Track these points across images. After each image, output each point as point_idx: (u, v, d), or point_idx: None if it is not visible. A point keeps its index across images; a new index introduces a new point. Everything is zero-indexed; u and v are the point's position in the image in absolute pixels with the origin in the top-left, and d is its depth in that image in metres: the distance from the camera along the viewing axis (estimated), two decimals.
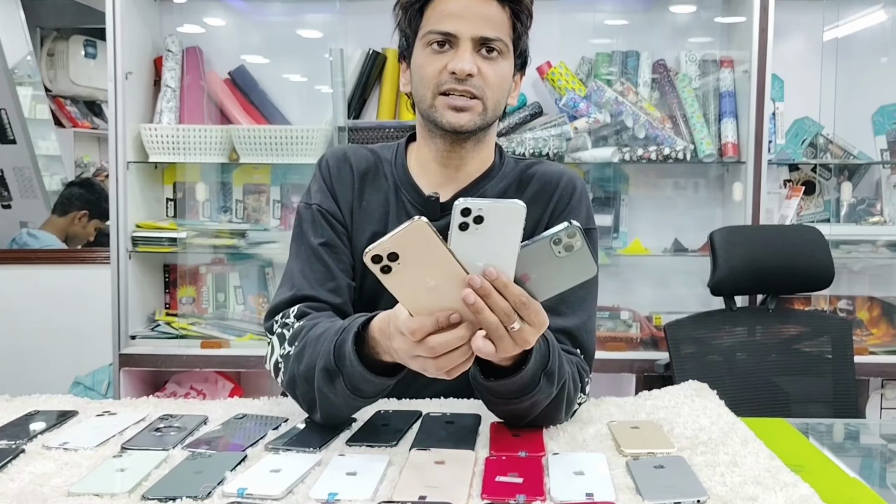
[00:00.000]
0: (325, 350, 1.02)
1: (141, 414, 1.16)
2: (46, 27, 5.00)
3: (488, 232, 0.80)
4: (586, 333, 1.16)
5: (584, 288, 1.17)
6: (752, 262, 2.01)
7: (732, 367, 2.05)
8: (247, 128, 2.48)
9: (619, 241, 2.61)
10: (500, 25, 1.16)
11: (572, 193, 1.24)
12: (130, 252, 2.48)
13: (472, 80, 1.15)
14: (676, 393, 1.19)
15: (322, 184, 1.27)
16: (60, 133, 4.86)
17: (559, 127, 2.50)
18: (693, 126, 2.49)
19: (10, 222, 3.81)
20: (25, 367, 3.02)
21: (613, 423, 1.08)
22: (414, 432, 1.06)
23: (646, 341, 2.47)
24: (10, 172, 3.97)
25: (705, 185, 2.66)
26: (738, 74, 2.48)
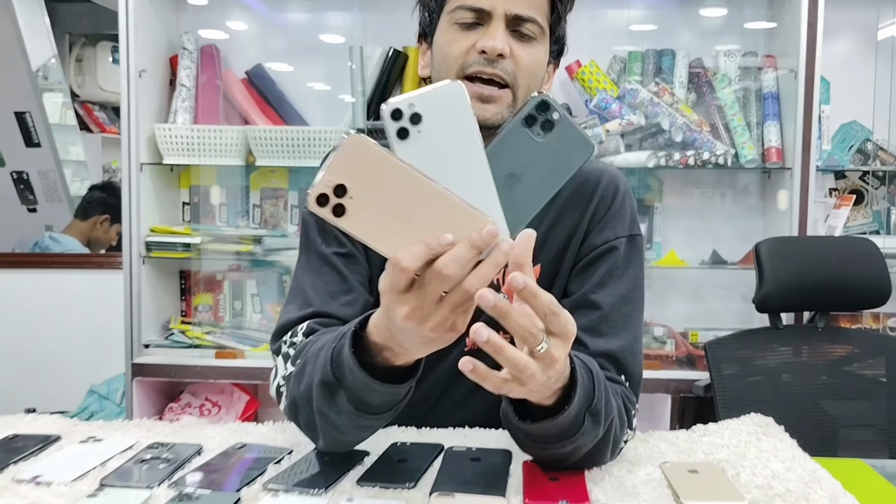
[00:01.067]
0: (322, 362, 0.84)
1: (130, 440, 1.01)
2: (75, 33, 4.97)
3: (435, 130, 0.63)
4: (632, 357, 0.99)
5: (629, 303, 1.01)
6: (802, 277, 1.83)
7: (777, 389, 1.87)
8: (263, 129, 2.35)
9: (652, 252, 2.43)
10: (537, 3, 1.00)
11: (615, 194, 1.06)
12: (144, 257, 2.35)
13: (502, 63, 0.98)
14: (738, 429, 1.01)
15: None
16: (89, 138, 4.83)
17: (590, 129, 2.33)
18: (734, 129, 2.31)
19: (36, 226, 3.76)
20: (42, 373, 2.94)
21: (667, 464, 0.91)
22: (435, 470, 0.90)
23: (681, 359, 2.29)
24: (36, 176, 3.92)
25: (745, 192, 2.48)
26: (781, 75, 2.30)
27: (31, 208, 3.94)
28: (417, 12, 1.11)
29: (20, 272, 3.05)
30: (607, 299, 1.01)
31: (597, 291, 1.01)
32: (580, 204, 1.06)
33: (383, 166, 0.62)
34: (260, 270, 2.58)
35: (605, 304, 1.00)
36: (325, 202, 0.62)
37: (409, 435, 1.03)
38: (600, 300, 1.00)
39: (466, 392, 1.08)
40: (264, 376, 2.33)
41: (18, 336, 2.95)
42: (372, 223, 0.63)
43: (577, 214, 1.06)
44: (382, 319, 0.74)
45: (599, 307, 1.00)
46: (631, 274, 1.03)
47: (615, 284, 1.02)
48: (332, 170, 0.61)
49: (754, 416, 1.03)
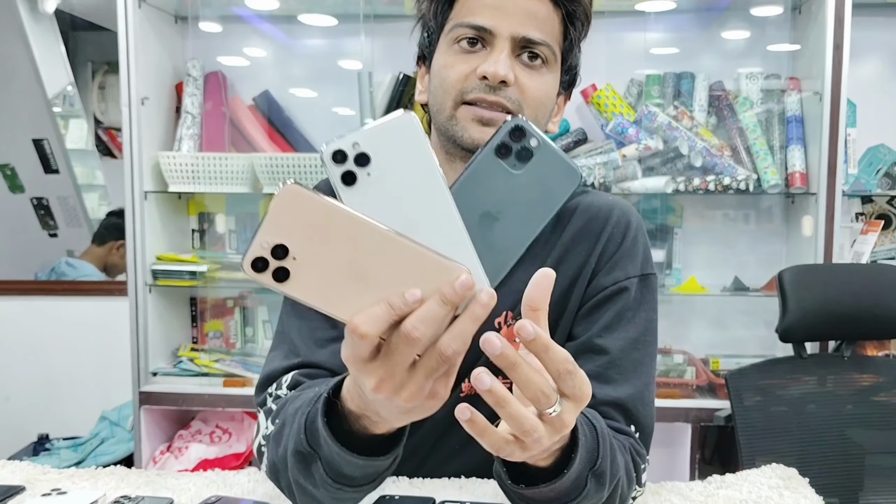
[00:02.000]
0: (296, 429, 0.74)
1: (98, 492, 0.93)
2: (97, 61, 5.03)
3: (386, 171, 0.53)
4: (643, 406, 0.90)
5: (639, 348, 0.91)
6: (827, 306, 1.73)
7: (802, 419, 1.77)
8: (270, 156, 2.29)
9: (672, 279, 2.33)
10: (548, 27, 0.90)
11: (626, 231, 0.96)
12: (150, 285, 2.31)
13: (506, 91, 0.88)
14: (757, 481, 0.91)
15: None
16: (113, 164, 4.84)
17: (606, 154, 2.25)
18: (756, 154, 2.21)
19: (58, 250, 3.77)
20: (54, 400, 2.91)
21: None
22: None
23: (702, 388, 2.19)
24: (55, 202, 3.94)
25: (768, 217, 2.38)
26: (805, 97, 2.20)
27: (52, 233, 3.96)
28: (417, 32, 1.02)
29: (33, 299, 3.04)
30: (616, 344, 0.91)
31: (604, 335, 0.91)
32: (588, 241, 0.96)
33: (329, 218, 0.51)
34: (271, 296, 2.53)
35: (614, 349, 0.90)
36: (263, 267, 0.51)
37: (400, 487, 0.94)
38: (608, 345, 0.91)
39: (463, 440, 0.98)
40: None
41: (32, 362, 2.93)
42: (322, 286, 0.52)
43: (584, 252, 0.96)
44: (353, 388, 0.65)
45: (607, 352, 0.90)
46: (643, 317, 0.94)
47: (625, 328, 0.92)
48: (267, 229, 0.50)
49: (776, 466, 0.93)
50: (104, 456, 2.64)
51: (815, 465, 1.76)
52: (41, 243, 3.82)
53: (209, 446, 2.42)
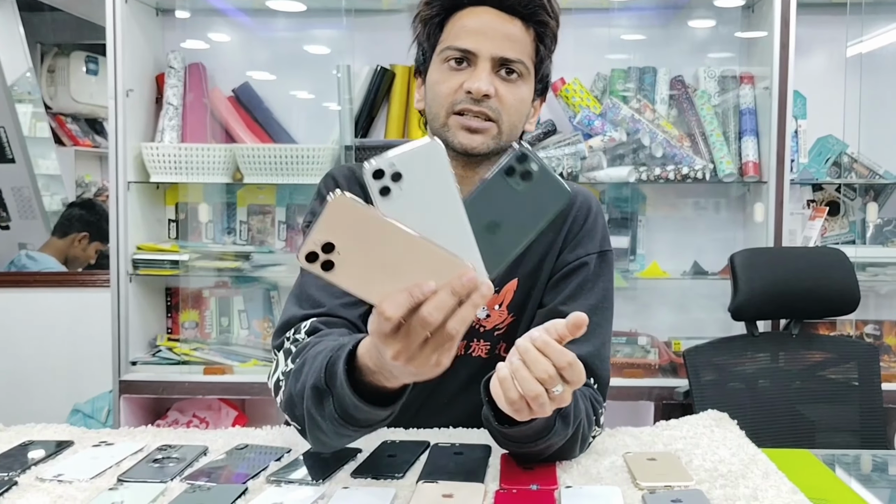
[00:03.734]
0: (318, 367, 0.94)
1: (139, 444, 1.15)
2: (47, 43, 5.02)
3: (415, 187, 0.71)
4: (600, 361, 1.15)
5: (598, 313, 1.17)
6: (774, 286, 2.00)
7: (755, 394, 2.03)
8: (251, 147, 2.50)
9: (636, 264, 2.60)
10: (522, 46, 1.15)
11: (587, 214, 1.23)
12: (131, 275, 2.49)
13: (488, 102, 1.13)
14: (695, 423, 1.18)
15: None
16: (61, 152, 4.86)
17: (573, 146, 2.51)
18: (712, 144, 2.49)
19: (9, 244, 3.80)
20: (23, 393, 3.01)
21: (629, 454, 1.07)
22: (421, 463, 1.06)
23: (665, 368, 2.46)
24: (9, 193, 3.97)
25: (726, 205, 2.66)
26: (759, 91, 2.49)
27: (4, 225, 4.00)
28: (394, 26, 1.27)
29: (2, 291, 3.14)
30: (577, 310, 1.13)
31: (567, 303, 1.17)
32: (555, 224, 1.22)
33: (367, 222, 0.69)
34: (247, 287, 2.72)
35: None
36: (314, 259, 0.70)
37: (398, 434, 1.18)
38: (570, 311, 1.13)
39: (451, 395, 1.24)
40: (253, 391, 2.46)
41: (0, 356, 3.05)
42: (359, 275, 0.71)
43: (552, 233, 1.22)
44: (373, 350, 0.85)
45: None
46: (601, 286, 1.20)
47: (585, 296, 1.18)
48: (319, 229, 0.69)
49: (711, 412, 1.20)
50: None
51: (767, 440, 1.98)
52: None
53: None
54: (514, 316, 1.22)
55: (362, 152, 2.48)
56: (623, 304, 2.67)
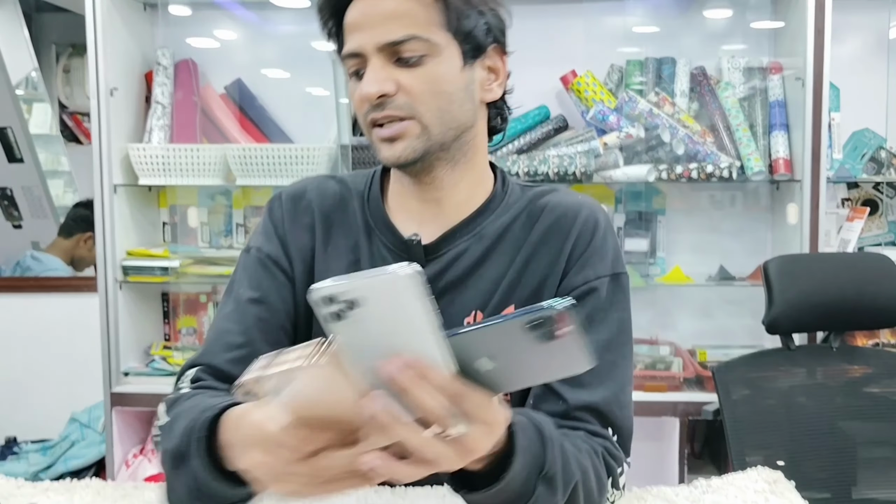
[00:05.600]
0: (182, 428, 0.78)
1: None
2: (61, 43, 4.96)
3: (377, 316, 0.57)
4: (619, 408, 0.92)
5: (613, 350, 0.94)
6: (813, 296, 1.76)
7: (792, 412, 1.80)
8: (243, 147, 2.29)
9: (656, 268, 2.36)
10: (412, 19, 0.90)
11: (594, 230, 0.99)
12: (121, 282, 2.30)
13: (393, 101, 0.90)
14: (744, 486, 0.93)
15: (269, 226, 1.03)
16: (79, 149, 4.80)
17: (587, 142, 2.26)
18: (738, 140, 2.24)
19: (22, 243, 3.72)
20: (21, 400, 2.89)
21: None
22: None
23: (690, 380, 2.22)
24: (20, 192, 3.89)
25: (753, 205, 2.41)
26: (788, 81, 2.23)
27: (17, 225, 3.92)
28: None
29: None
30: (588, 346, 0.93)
31: None
32: (557, 240, 0.98)
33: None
34: None
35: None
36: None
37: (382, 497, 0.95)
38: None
39: None
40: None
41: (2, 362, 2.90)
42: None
43: (553, 251, 0.98)
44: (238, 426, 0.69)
45: None
46: (615, 317, 0.96)
47: (597, 329, 0.94)
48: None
49: (762, 470, 0.96)
50: (75, 459, 2.62)
51: (806, 460, 1.77)
52: (5, 236, 3.78)
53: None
54: None
55: (360, 152, 2.26)
56: (642, 309, 2.43)
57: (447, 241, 0.99)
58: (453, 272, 0.99)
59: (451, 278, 0.99)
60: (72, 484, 1.03)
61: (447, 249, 0.99)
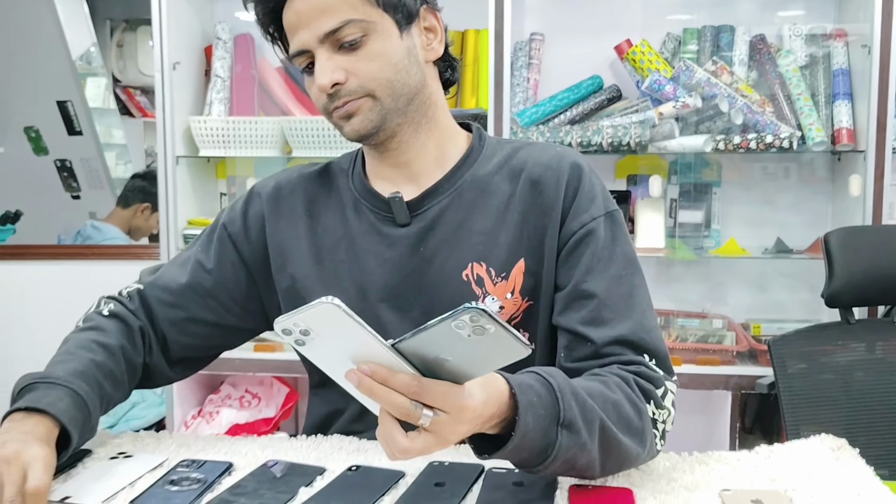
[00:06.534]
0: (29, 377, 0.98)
1: (160, 457, 1.00)
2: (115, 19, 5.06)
3: (326, 336, 0.71)
4: (646, 333, 0.96)
5: (624, 282, 0.98)
6: (876, 269, 1.73)
7: (849, 387, 1.78)
8: (299, 119, 2.32)
9: (710, 240, 2.34)
10: (342, 6, 0.95)
11: (580, 176, 1.03)
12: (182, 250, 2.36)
13: (346, 87, 0.97)
14: (806, 452, 0.94)
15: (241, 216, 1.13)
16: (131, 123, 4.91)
17: (642, 112, 2.24)
18: (799, 110, 2.19)
19: (80, 213, 3.84)
20: None
21: (727, 492, 0.85)
22: (475, 495, 0.86)
23: (743, 354, 2.20)
24: (78, 164, 4.01)
25: (812, 177, 2.36)
26: (853, 49, 2.17)
27: (75, 195, 4.03)
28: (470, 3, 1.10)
29: (63, 263, 3.11)
30: (600, 285, 0.98)
31: (587, 280, 0.98)
32: (547, 191, 1.02)
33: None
34: None
35: (600, 291, 0.97)
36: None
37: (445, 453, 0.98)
38: (593, 288, 0.98)
39: None
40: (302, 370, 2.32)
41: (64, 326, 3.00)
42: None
43: (546, 203, 1.02)
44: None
45: (595, 295, 0.97)
46: (618, 252, 1.00)
47: (605, 268, 0.99)
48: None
49: (825, 437, 0.96)
50: (135, 420, 2.73)
51: (863, 436, 1.75)
52: (64, 206, 3.90)
53: (239, 411, 2.50)
54: (530, 300, 1.03)
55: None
56: (694, 283, 2.42)
57: (429, 198, 1.05)
58: (441, 228, 1.04)
59: (441, 235, 1.03)
60: (159, 434, 1.09)
61: (430, 205, 1.04)
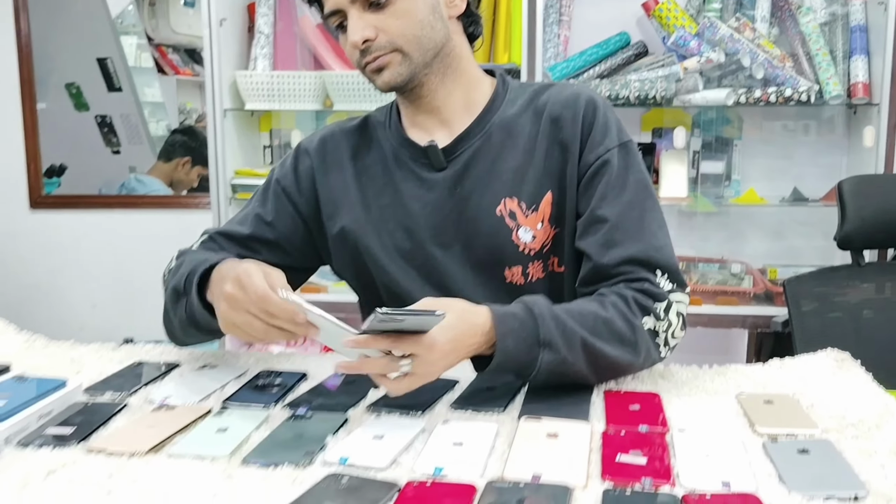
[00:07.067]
0: (182, 272, 1.07)
1: (241, 369, 1.13)
2: None
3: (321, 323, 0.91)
4: (656, 251, 1.05)
5: (636, 207, 1.07)
6: (886, 214, 1.82)
7: (859, 325, 1.88)
8: (340, 73, 2.42)
9: (731, 190, 2.43)
10: None
11: (595, 111, 1.11)
12: (230, 199, 2.49)
13: (376, 43, 1.05)
14: (813, 363, 1.06)
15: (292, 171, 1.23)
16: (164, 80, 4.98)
17: (667, 67, 2.31)
18: (818, 65, 2.26)
19: (120, 167, 3.94)
20: (138, 305, 3.12)
21: (742, 395, 0.97)
22: (521, 398, 0.98)
23: (759, 296, 2.30)
24: (118, 119, 4.08)
25: (829, 129, 2.44)
26: (871, 6, 2.23)
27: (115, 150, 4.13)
28: None
29: (112, 212, 3.24)
30: (613, 210, 1.07)
31: (602, 206, 1.07)
32: (566, 127, 1.11)
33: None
34: None
35: (612, 216, 1.06)
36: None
37: None
38: (606, 214, 1.07)
39: None
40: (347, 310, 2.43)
41: (114, 272, 3.13)
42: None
43: (566, 138, 1.11)
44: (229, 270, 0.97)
45: (607, 220, 1.06)
46: (631, 180, 1.09)
47: (618, 195, 1.07)
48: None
49: (831, 350, 1.07)
50: None
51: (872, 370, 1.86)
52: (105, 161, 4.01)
53: (286, 348, 2.63)
54: (557, 228, 1.13)
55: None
56: (714, 231, 2.51)
57: (461, 143, 1.14)
58: (474, 170, 1.14)
59: (474, 175, 1.14)
60: (234, 352, 1.22)
61: (463, 149, 1.14)
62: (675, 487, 0.73)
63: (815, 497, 0.70)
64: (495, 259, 1.13)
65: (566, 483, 0.74)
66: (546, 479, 0.75)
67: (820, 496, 0.70)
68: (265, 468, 0.80)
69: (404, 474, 0.78)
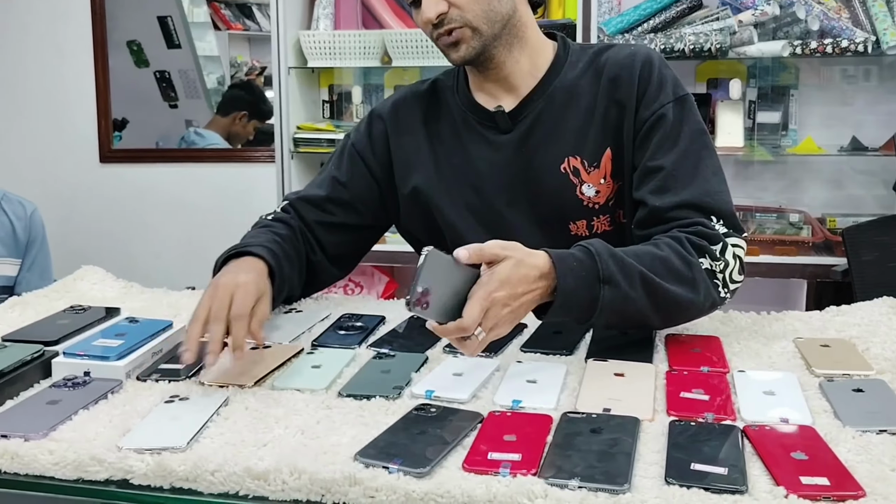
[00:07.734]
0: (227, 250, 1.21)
1: (324, 312, 1.21)
2: None
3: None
4: (709, 196, 1.07)
5: (690, 156, 1.10)
6: None
7: None
8: (399, 32, 2.47)
9: (788, 140, 2.42)
10: None
11: (651, 69, 1.14)
12: (293, 152, 2.57)
13: (447, 17, 1.10)
14: (870, 310, 1.09)
15: (367, 136, 1.28)
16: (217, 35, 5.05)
17: (722, 20, 2.30)
18: (874, 15, 2.22)
19: (178, 121, 4.05)
20: (199, 255, 3.20)
21: (800, 339, 1.02)
22: (587, 341, 1.05)
23: (818, 245, 2.29)
24: (176, 75, 4.17)
25: (887, 79, 2.40)
26: None
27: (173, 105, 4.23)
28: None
29: (175, 166, 3.34)
30: (668, 160, 1.10)
31: (657, 157, 1.11)
32: (624, 86, 1.14)
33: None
34: None
35: (667, 165, 1.10)
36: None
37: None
38: (661, 163, 1.10)
39: None
40: (403, 259, 2.52)
41: (176, 223, 3.23)
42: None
43: (624, 96, 1.14)
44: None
45: (662, 168, 1.10)
46: (686, 131, 1.12)
47: (673, 145, 1.11)
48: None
49: (887, 298, 1.11)
50: None
51: None
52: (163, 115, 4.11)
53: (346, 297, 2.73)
54: (619, 182, 1.17)
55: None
56: (772, 180, 2.51)
57: (526, 107, 1.19)
58: (538, 131, 1.19)
59: (539, 137, 1.19)
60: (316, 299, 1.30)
61: (527, 113, 1.19)
62: (736, 421, 0.79)
63: (868, 431, 0.75)
64: (560, 214, 1.19)
65: (635, 415, 0.80)
66: (617, 411, 0.82)
67: (873, 430, 0.76)
68: (359, 400, 0.88)
69: (485, 406, 0.85)
